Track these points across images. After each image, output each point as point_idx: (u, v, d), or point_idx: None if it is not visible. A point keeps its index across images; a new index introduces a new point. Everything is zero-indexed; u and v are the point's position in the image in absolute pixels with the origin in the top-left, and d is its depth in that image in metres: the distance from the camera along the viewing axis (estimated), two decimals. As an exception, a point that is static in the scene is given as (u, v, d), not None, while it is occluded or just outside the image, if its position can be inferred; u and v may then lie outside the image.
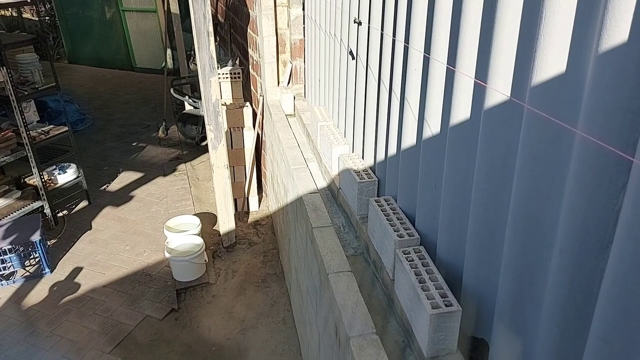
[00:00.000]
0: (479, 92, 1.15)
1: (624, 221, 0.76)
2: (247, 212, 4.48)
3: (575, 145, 0.86)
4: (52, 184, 4.26)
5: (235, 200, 4.29)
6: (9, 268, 3.57)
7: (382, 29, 1.77)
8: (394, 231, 1.57)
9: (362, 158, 2.19)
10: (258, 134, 4.30)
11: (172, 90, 5.66)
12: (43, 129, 4.23)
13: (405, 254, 1.47)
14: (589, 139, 0.80)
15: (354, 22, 2.07)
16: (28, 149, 3.89)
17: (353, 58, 2.15)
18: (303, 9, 3.41)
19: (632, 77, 0.73)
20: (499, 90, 1.05)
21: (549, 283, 0.97)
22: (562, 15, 0.85)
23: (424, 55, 1.42)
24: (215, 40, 5.96)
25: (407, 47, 1.52)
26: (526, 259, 1.04)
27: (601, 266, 0.84)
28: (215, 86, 3.40)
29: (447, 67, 1.29)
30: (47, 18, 10.32)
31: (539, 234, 1.00)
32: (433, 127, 1.41)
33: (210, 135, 3.53)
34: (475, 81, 1.16)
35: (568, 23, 0.85)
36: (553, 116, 0.89)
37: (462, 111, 1.23)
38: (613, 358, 0.81)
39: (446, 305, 1.25)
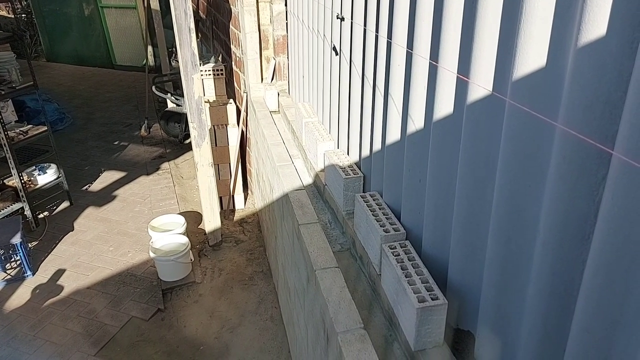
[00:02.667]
0: (462, 87, 1.16)
1: (604, 213, 0.78)
2: (233, 210, 4.45)
3: (556, 139, 0.87)
4: (32, 185, 4.17)
5: (220, 199, 4.27)
6: (-12, 272, 3.49)
7: (364, 25, 1.77)
8: (380, 226, 1.57)
9: (348, 154, 2.19)
10: (242, 131, 4.28)
11: (153, 88, 5.58)
12: (21, 129, 4.14)
13: (391, 248, 1.48)
14: (570, 132, 0.81)
15: (337, 18, 2.06)
16: (6, 150, 3.80)
17: (337, 54, 2.15)
18: (285, 5, 3.39)
19: (611, 70, 0.74)
20: (481, 85, 1.06)
21: (533, 275, 0.98)
22: (542, 9, 0.86)
23: (407, 51, 1.43)
24: (197, 37, 5.89)
25: (390, 42, 1.52)
26: (510, 251, 1.06)
27: (583, 257, 0.86)
28: (198, 83, 3.36)
29: (429, 62, 1.30)
30: (23, 15, 10.08)
31: (522, 226, 1.01)
32: (417, 122, 1.41)
33: (193, 133, 3.49)
34: (457, 76, 1.17)
35: (548, 17, 0.86)
36: (534, 110, 0.90)
37: (445, 106, 1.24)
38: (595, 347, 0.83)
39: (432, 299, 1.26)
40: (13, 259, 3.58)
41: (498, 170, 1.04)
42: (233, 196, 4.43)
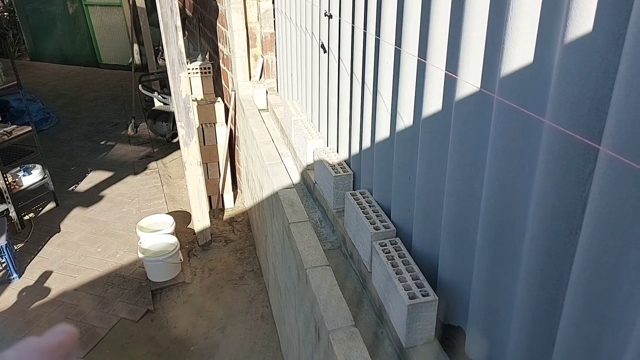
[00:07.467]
0: (450, 84, 1.16)
1: (591, 208, 0.78)
2: (222, 209, 4.43)
3: (543, 135, 0.87)
4: (16, 186, 4.10)
5: (209, 198, 4.24)
6: (-27, 275, 3.43)
7: (353, 22, 1.77)
8: (370, 224, 1.57)
9: (337, 152, 2.19)
10: (231, 129, 4.25)
11: (140, 87, 5.52)
12: (5, 129, 4.07)
13: (381, 246, 1.48)
14: (557, 128, 0.82)
15: (325, 15, 2.05)
16: (-11, 151, 3.73)
17: (325, 51, 2.14)
18: (273, 2, 3.38)
19: (598, 66, 0.74)
20: (469, 81, 1.07)
21: (522, 270, 0.99)
22: (529, 6, 0.86)
23: (395, 48, 1.43)
24: (184, 35, 5.84)
25: (379, 39, 1.52)
26: (499, 247, 1.06)
27: (570, 252, 0.86)
28: (185, 82, 3.33)
29: (418, 59, 1.30)
30: (5, 14, 9.90)
31: (510, 222, 1.02)
32: (406, 119, 1.42)
33: (181, 132, 3.46)
34: (446, 73, 1.17)
35: (535, 14, 0.86)
36: (522, 107, 0.91)
37: (434, 103, 1.24)
38: (584, 341, 0.83)
39: (423, 295, 1.26)
40: (-2, 262, 3.52)
41: (487, 167, 1.05)
42: (222, 195, 4.41)
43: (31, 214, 4.29)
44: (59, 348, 0.34)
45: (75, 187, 4.81)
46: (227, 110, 4.22)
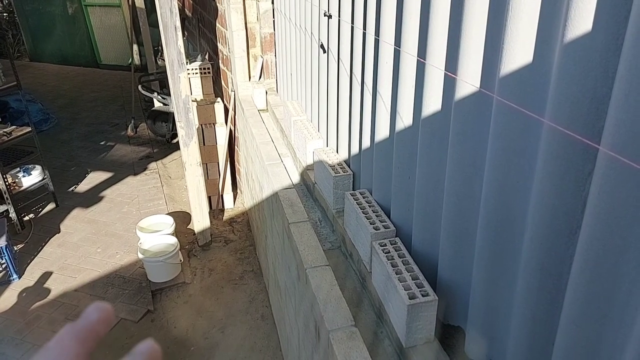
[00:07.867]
0: (450, 84, 1.16)
1: (591, 208, 0.78)
2: (222, 210, 4.43)
3: (543, 135, 0.87)
4: (16, 187, 4.10)
5: (209, 198, 4.24)
6: (-27, 276, 3.43)
7: (352, 22, 1.77)
8: (370, 224, 1.57)
9: (337, 152, 2.19)
10: (231, 130, 4.25)
11: (140, 87, 5.52)
12: (5, 130, 4.07)
13: (381, 245, 1.48)
14: (557, 128, 0.82)
15: (324, 15, 2.05)
16: (-11, 151, 3.73)
17: (324, 52, 2.14)
18: (272, 3, 3.38)
19: (597, 66, 0.74)
20: (469, 81, 1.07)
21: (521, 270, 0.99)
22: (528, 6, 0.86)
23: (395, 48, 1.43)
24: (183, 35, 5.84)
25: (378, 40, 1.52)
26: (498, 247, 1.06)
27: (570, 251, 0.86)
28: (185, 82, 3.33)
29: (417, 59, 1.30)
30: (5, 14, 9.90)
31: (510, 222, 1.02)
32: (405, 119, 1.42)
33: (181, 132, 3.46)
34: (445, 73, 1.17)
35: (534, 13, 0.86)
36: (522, 106, 0.91)
37: (433, 103, 1.24)
38: (584, 340, 0.84)
39: (423, 295, 1.26)
40: (-2, 263, 3.52)
41: (486, 167, 1.05)
42: (222, 195, 4.41)
43: (31, 215, 4.29)
44: (96, 327, 0.33)
45: (75, 187, 4.81)
46: (226, 110, 4.22)
